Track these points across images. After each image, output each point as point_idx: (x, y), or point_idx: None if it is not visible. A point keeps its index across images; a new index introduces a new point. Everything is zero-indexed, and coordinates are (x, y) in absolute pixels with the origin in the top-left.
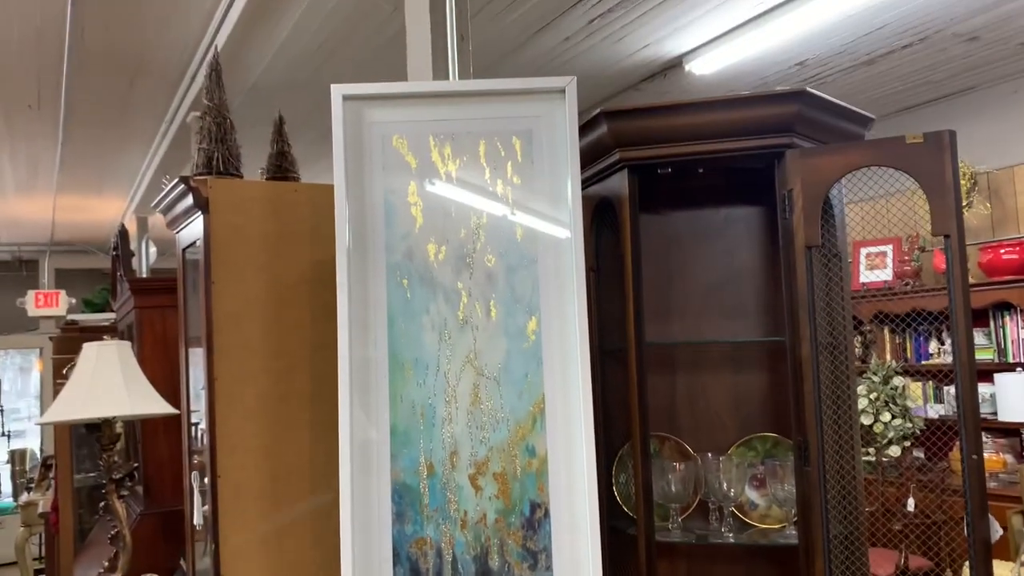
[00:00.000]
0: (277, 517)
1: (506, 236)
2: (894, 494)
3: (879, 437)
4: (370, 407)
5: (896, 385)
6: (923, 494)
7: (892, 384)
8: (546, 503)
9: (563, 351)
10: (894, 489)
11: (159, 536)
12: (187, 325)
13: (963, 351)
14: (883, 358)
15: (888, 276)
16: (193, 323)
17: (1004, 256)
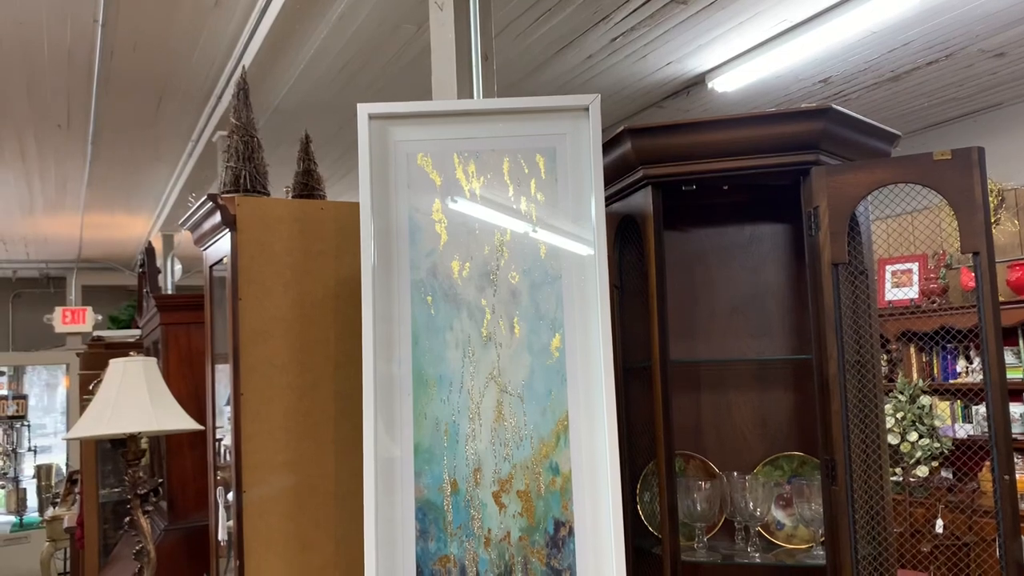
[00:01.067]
0: (301, 534)
1: (530, 253)
2: (922, 515)
3: (906, 457)
4: (394, 424)
5: (923, 404)
6: (952, 515)
7: (919, 403)
8: (570, 521)
9: (587, 368)
10: (923, 510)
11: (183, 551)
12: (213, 341)
13: (994, 370)
14: (910, 376)
15: (914, 294)
16: (219, 339)
17: None
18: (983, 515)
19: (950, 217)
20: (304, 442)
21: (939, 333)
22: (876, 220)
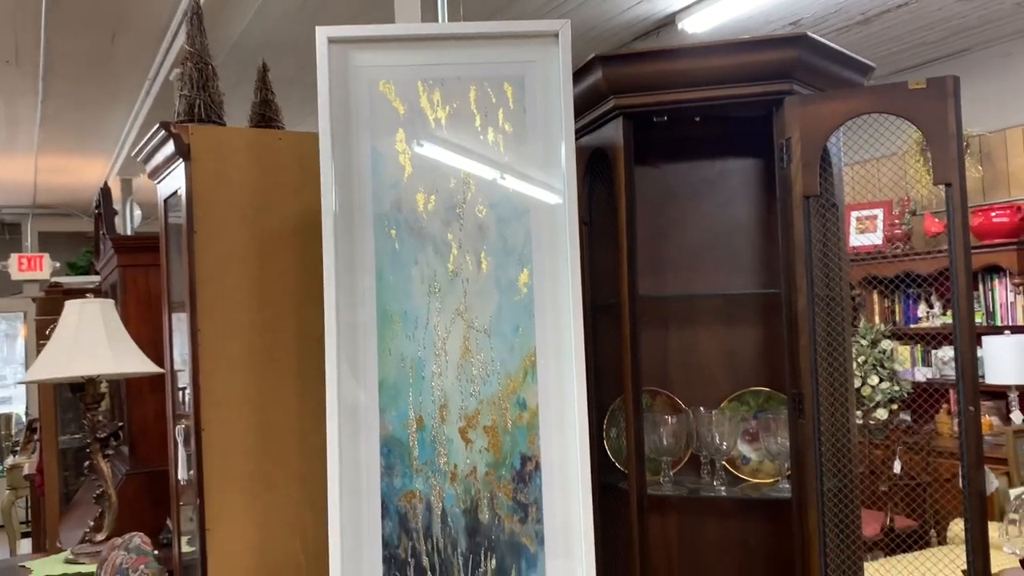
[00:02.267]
0: (264, 472)
1: (498, 186)
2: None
3: (867, 400)
4: (358, 360)
5: (884, 348)
6: (909, 456)
7: (880, 347)
8: (537, 456)
9: (555, 304)
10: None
11: (145, 496)
12: (170, 279)
13: (962, 288)
14: (872, 321)
15: (878, 240)
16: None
17: (995, 219)
18: (939, 456)
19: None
20: (266, 379)
21: (901, 278)
22: (843, 167)
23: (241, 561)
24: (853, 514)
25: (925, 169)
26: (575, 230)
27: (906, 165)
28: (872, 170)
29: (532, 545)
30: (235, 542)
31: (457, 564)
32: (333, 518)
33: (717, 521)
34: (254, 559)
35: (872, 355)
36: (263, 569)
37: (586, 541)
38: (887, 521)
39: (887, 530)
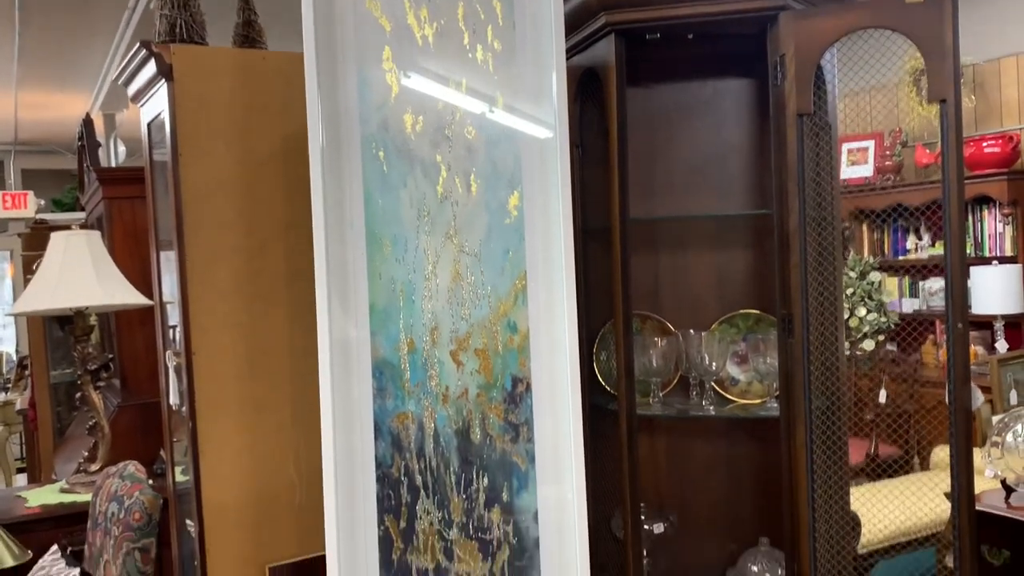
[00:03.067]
0: (255, 395)
1: (487, 106)
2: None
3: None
4: (347, 285)
5: (872, 280)
6: (895, 385)
7: (869, 279)
8: (528, 378)
9: (546, 227)
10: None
11: (137, 428)
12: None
13: (954, 203)
14: (861, 254)
15: (869, 172)
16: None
17: (986, 149)
18: (924, 385)
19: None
20: (255, 304)
21: (891, 210)
22: (837, 87)
23: (235, 483)
24: (840, 433)
25: (918, 100)
26: (566, 152)
27: (898, 96)
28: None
29: (523, 463)
30: (228, 465)
31: (449, 482)
32: (326, 439)
33: (705, 442)
34: (248, 481)
35: (860, 287)
36: (257, 491)
37: (576, 461)
38: (872, 449)
39: (871, 457)
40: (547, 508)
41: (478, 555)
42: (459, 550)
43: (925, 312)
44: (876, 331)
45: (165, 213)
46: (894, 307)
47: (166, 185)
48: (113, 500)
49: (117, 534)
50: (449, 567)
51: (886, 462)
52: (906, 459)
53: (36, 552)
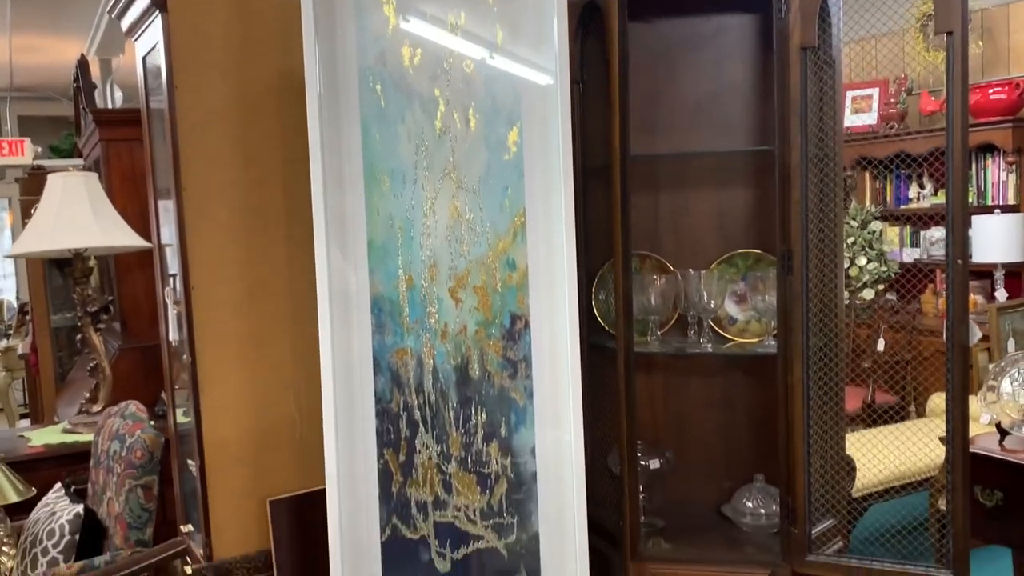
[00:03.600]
0: (255, 330)
1: (486, 39)
2: (865, 335)
3: (854, 281)
4: (345, 221)
5: (873, 230)
6: (893, 334)
7: (870, 229)
8: (526, 315)
9: (545, 163)
10: (866, 330)
11: (138, 371)
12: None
13: (957, 129)
14: (862, 203)
15: (873, 120)
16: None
17: (992, 96)
18: (922, 334)
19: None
20: (254, 239)
21: (894, 159)
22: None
23: (235, 418)
24: (836, 372)
25: (924, 46)
26: (566, 87)
27: (904, 43)
28: (870, 48)
29: (521, 400)
30: (228, 400)
31: (448, 417)
32: (326, 374)
33: (702, 380)
34: (248, 416)
35: (861, 236)
36: (257, 425)
37: (574, 398)
38: (869, 396)
39: (868, 405)
40: (545, 444)
41: (476, 488)
42: (457, 483)
43: (926, 261)
44: (876, 280)
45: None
46: (895, 256)
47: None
48: (115, 439)
49: (119, 472)
50: (447, 499)
51: (883, 409)
52: (903, 407)
53: (40, 490)
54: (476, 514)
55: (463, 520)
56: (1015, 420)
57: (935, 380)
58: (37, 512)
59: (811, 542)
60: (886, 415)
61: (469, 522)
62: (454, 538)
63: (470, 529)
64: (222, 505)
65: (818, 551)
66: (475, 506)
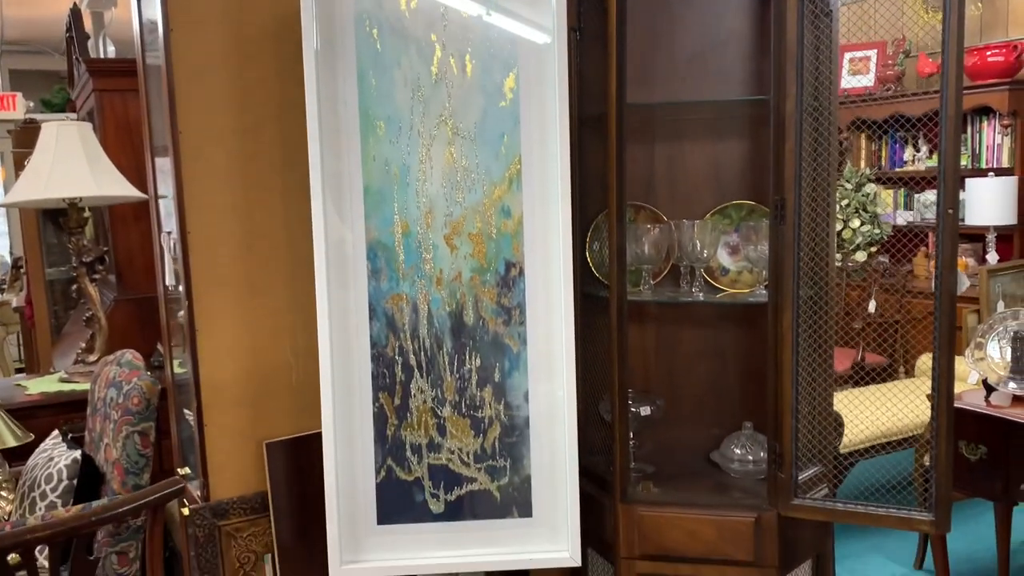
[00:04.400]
0: (251, 277)
1: None
2: (857, 296)
3: (847, 243)
4: (341, 166)
5: (868, 192)
6: (885, 296)
7: (864, 191)
8: (521, 262)
9: (542, 111)
10: (858, 292)
11: (134, 322)
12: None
13: (952, 79)
14: (857, 165)
15: (870, 82)
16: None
17: (990, 59)
18: (913, 296)
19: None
20: (250, 186)
21: (890, 121)
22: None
23: (231, 362)
24: (825, 324)
25: (923, 7)
26: (563, 34)
27: (904, 4)
28: (869, 8)
29: (515, 346)
30: (225, 344)
31: (443, 362)
32: (322, 319)
33: (694, 329)
34: (244, 360)
35: (855, 198)
36: (254, 369)
37: (567, 345)
38: (859, 357)
39: (858, 365)
40: (538, 389)
41: (470, 432)
42: (451, 426)
43: (919, 224)
44: (869, 243)
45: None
46: (888, 219)
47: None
48: (112, 386)
49: (116, 418)
50: (441, 442)
51: (872, 370)
52: (892, 367)
53: (37, 437)
54: (469, 457)
55: (456, 462)
56: (1001, 377)
57: (925, 341)
58: (35, 458)
59: (797, 487)
60: (876, 375)
61: (462, 464)
62: (447, 480)
63: (463, 471)
64: (219, 447)
65: (804, 496)
66: (468, 449)
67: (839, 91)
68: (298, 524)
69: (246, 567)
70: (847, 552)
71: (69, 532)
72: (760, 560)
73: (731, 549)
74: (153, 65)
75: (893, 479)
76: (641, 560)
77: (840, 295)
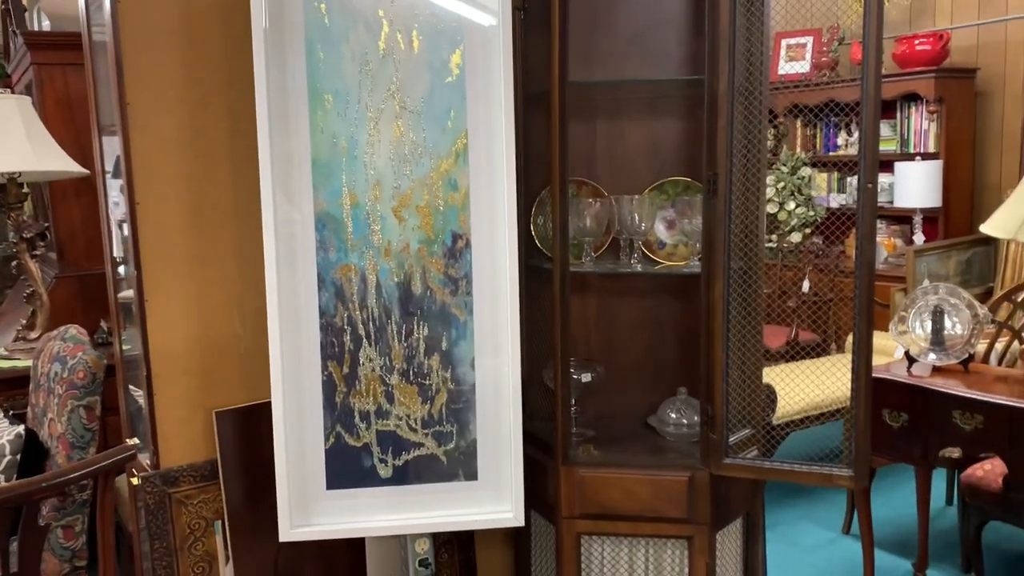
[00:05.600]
0: (200, 248)
1: None
2: (791, 277)
3: (782, 225)
4: (290, 138)
5: (803, 175)
6: (818, 276)
7: (799, 174)
8: (467, 235)
9: (487, 86)
10: (792, 272)
11: (76, 299)
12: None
13: (872, 47)
14: (793, 149)
15: (806, 68)
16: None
17: (918, 47)
18: (845, 275)
19: None
20: (199, 159)
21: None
22: None
23: (181, 332)
24: (755, 295)
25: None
26: (508, 12)
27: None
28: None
29: (462, 315)
30: (174, 314)
31: (391, 331)
32: (271, 290)
33: (632, 300)
34: (194, 330)
35: (791, 181)
36: (203, 339)
37: (512, 314)
38: (792, 335)
39: (792, 342)
40: (484, 357)
41: (417, 399)
42: (399, 394)
43: (850, 206)
44: (803, 224)
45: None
46: (822, 202)
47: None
48: (56, 361)
49: (61, 392)
50: (390, 409)
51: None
52: (824, 344)
53: None
54: (417, 423)
55: (404, 428)
56: (922, 348)
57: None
58: None
59: (728, 447)
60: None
61: (410, 430)
62: (396, 445)
63: (411, 437)
64: (169, 415)
65: (734, 456)
66: (416, 415)
67: (776, 77)
68: (248, 490)
69: (196, 533)
70: (778, 519)
71: (19, 499)
72: (693, 517)
73: (666, 507)
74: (99, 40)
75: (824, 448)
76: (581, 519)
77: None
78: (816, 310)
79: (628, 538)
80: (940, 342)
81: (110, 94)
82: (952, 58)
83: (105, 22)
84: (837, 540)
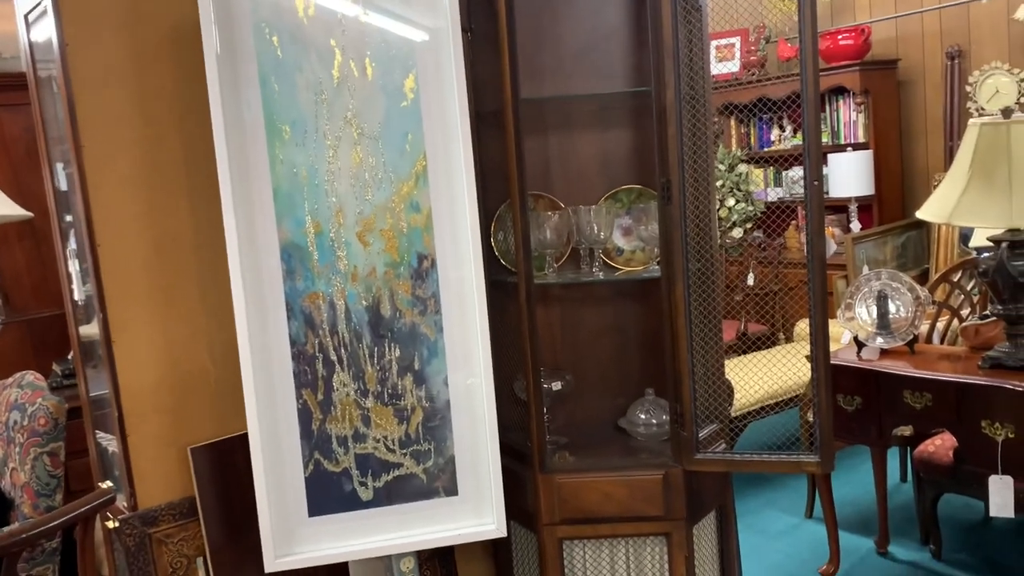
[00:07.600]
0: (165, 284)
1: None
2: (736, 271)
3: (724, 221)
4: (249, 171)
5: (740, 172)
6: (762, 269)
7: (737, 171)
8: (432, 254)
9: (442, 108)
10: (736, 267)
11: (26, 345)
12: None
13: (808, 46)
14: (729, 147)
15: (736, 68)
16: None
17: (841, 42)
18: (787, 266)
19: None
20: (157, 194)
21: (756, 104)
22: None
23: (150, 370)
24: (713, 293)
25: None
26: (458, 34)
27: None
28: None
29: (432, 334)
30: (141, 352)
31: (363, 355)
32: (240, 322)
33: (595, 308)
34: (163, 367)
35: (729, 179)
36: (173, 376)
37: (481, 329)
38: (742, 327)
39: (742, 335)
40: (456, 374)
41: (393, 419)
42: (375, 416)
43: (788, 200)
44: (744, 219)
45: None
46: (760, 196)
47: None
48: (14, 409)
49: (23, 441)
50: (367, 432)
51: (755, 338)
52: (772, 334)
53: None
54: (395, 443)
55: (382, 450)
56: (869, 333)
57: (800, 308)
58: None
59: (699, 443)
60: (758, 343)
61: (388, 451)
62: (375, 467)
63: (390, 458)
64: (143, 455)
65: (705, 450)
66: (393, 436)
67: None
68: (229, 525)
69: (179, 571)
70: (744, 509)
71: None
72: (669, 513)
73: (643, 506)
74: (44, 70)
75: (782, 436)
76: (561, 525)
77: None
78: (762, 302)
79: (608, 540)
80: (886, 326)
81: (61, 132)
82: (874, 51)
83: (53, 58)
84: (801, 524)
